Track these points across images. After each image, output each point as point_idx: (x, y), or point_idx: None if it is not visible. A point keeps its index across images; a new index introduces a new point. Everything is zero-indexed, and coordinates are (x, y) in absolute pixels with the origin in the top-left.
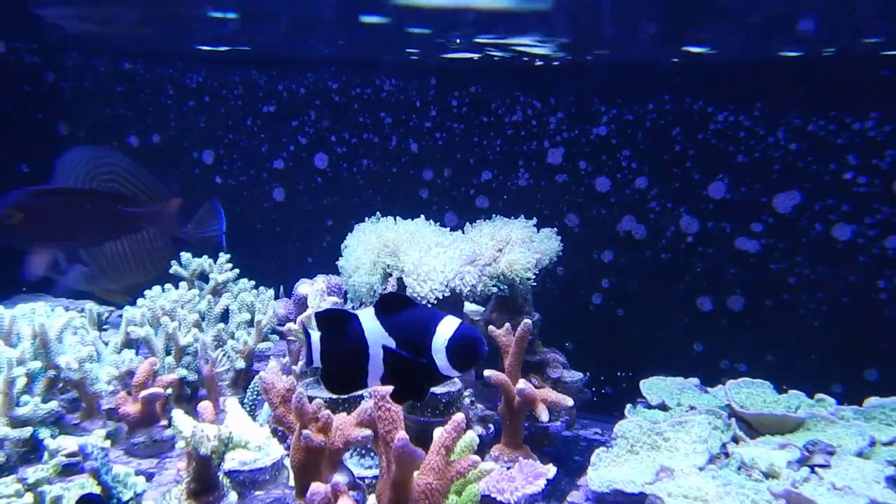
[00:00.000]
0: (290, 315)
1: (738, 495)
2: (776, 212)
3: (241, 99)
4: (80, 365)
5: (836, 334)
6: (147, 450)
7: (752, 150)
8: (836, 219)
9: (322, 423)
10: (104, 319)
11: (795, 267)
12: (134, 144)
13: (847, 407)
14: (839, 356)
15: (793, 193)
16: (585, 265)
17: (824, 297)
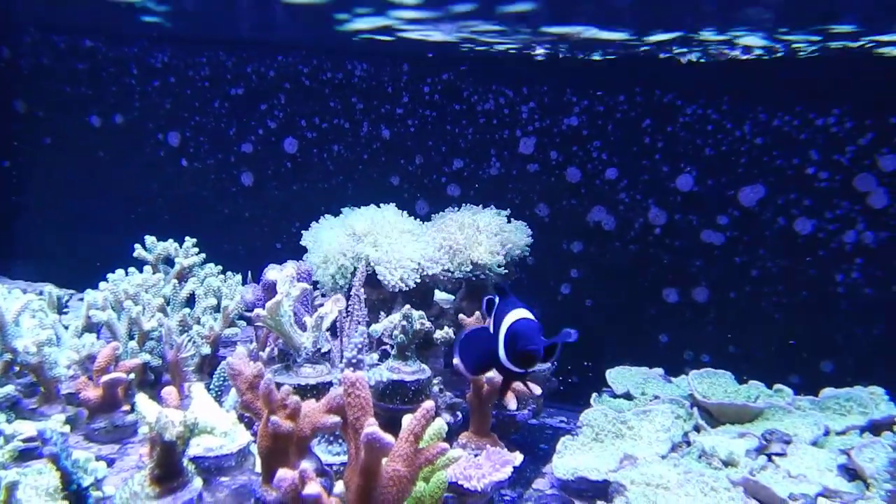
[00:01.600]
0: (259, 301)
1: (697, 483)
2: (741, 205)
3: (209, 80)
4: (38, 349)
5: (795, 326)
6: (108, 435)
7: (719, 143)
8: (798, 213)
9: (290, 409)
10: (64, 303)
11: (758, 260)
12: (95, 124)
13: (804, 397)
14: (797, 347)
15: (757, 187)
16: (555, 255)
17: (784, 289)
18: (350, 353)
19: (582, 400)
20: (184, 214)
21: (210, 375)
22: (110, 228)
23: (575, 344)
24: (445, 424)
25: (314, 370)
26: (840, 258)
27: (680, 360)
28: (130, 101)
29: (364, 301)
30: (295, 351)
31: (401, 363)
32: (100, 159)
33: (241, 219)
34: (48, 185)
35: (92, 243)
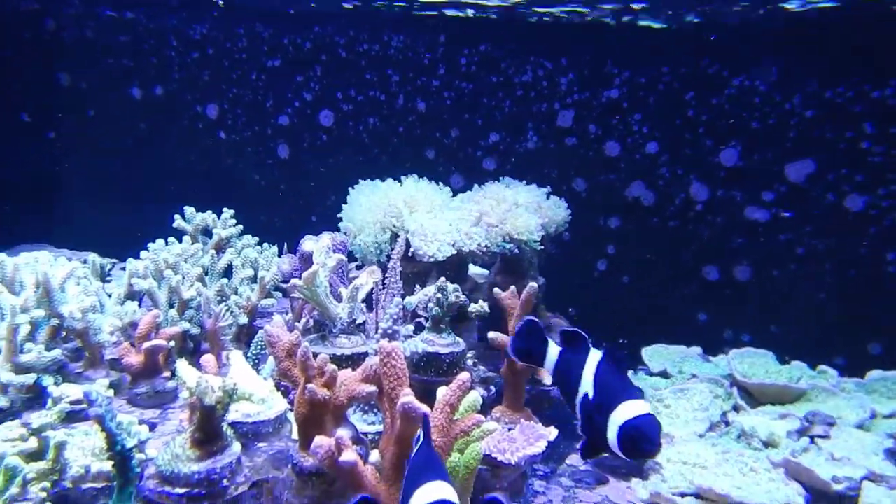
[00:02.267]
0: (296, 271)
1: (736, 463)
2: (788, 181)
3: (246, 52)
4: (83, 314)
5: (841, 307)
6: (150, 400)
7: (767, 116)
8: (849, 189)
9: (327, 377)
10: (107, 271)
11: (805, 237)
12: (136, 96)
13: (849, 379)
14: (843, 328)
15: (806, 162)
16: (592, 231)
17: (831, 268)
18: (386, 324)
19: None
20: (221, 186)
21: (247, 345)
22: (150, 199)
23: (611, 321)
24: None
25: (349, 341)
26: (892, 236)
27: (719, 340)
28: (170, 73)
29: (399, 274)
30: (330, 321)
31: (435, 336)
32: (141, 131)
33: (277, 191)
34: (91, 156)
35: (132, 213)
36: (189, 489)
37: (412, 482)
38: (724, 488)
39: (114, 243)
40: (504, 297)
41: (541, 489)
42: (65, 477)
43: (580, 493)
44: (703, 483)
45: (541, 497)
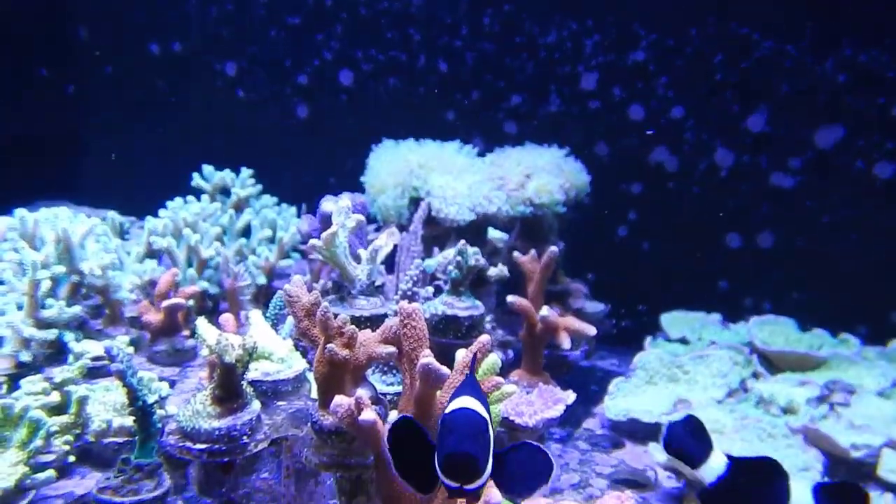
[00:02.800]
0: (314, 232)
1: (755, 429)
2: (816, 147)
3: (265, 8)
4: (103, 271)
5: (865, 275)
6: (169, 358)
7: (797, 81)
8: (879, 156)
9: (347, 337)
10: (125, 229)
11: (831, 205)
12: (155, 52)
13: (871, 347)
14: (867, 297)
15: (835, 128)
16: (613, 196)
17: (858, 237)
18: (405, 286)
19: (635, 344)
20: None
21: (265, 305)
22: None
23: (630, 287)
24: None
25: (368, 302)
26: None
27: (740, 307)
28: (189, 30)
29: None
30: (349, 283)
31: (454, 298)
32: (159, 88)
33: (296, 151)
34: (109, 112)
35: (151, 171)
36: (210, 445)
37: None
38: (742, 453)
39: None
40: (524, 261)
41: (557, 452)
42: (87, 431)
43: (596, 456)
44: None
45: (557, 459)
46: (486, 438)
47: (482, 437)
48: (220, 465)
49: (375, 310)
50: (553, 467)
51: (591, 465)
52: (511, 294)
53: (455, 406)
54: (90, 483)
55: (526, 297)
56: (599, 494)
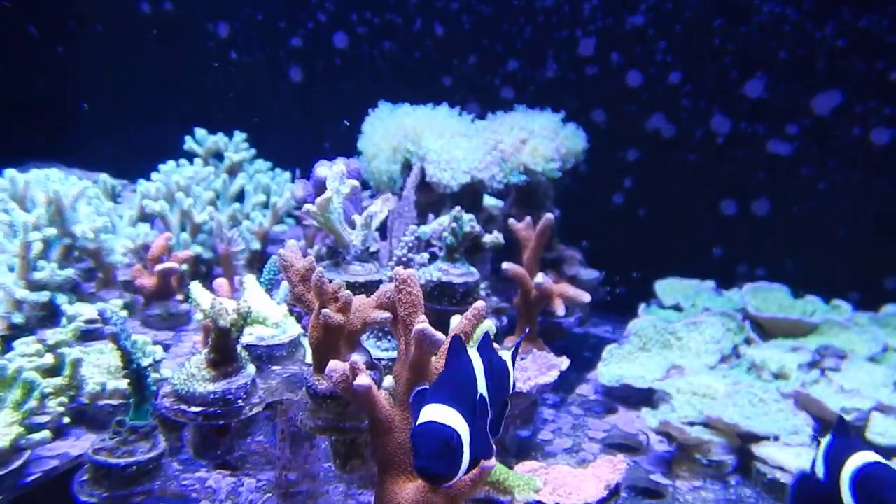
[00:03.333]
0: (309, 197)
1: (746, 394)
2: (814, 113)
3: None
4: (95, 234)
5: (859, 242)
6: (163, 322)
7: (797, 45)
8: (876, 122)
9: (342, 302)
10: (117, 192)
11: (827, 172)
12: (146, 10)
13: (863, 313)
14: (860, 263)
15: (833, 94)
16: (609, 163)
17: (853, 204)
18: (400, 252)
19: (629, 311)
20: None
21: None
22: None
23: (625, 254)
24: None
25: (363, 268)
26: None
27: (733, 274)
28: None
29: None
30: (344, 248)
31: (449, 265)
32: (150, 48)
33: (289, 115)
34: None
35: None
36: (205, 408)
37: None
38: (733, 418)
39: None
40: (519, 228)
41: (551, 417)
42: (81, 393)
43: (589, 421)
44: (712, 413)
45: (551, 424)
46: (452, 449)
47: (449, 450)
48: (215, 428)
49: (370, 276)
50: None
51: (584, 430)
52: (506, 261)
53: (423, 419)
54: (85, 444)
55: (521, 265)
56: (592, 458)
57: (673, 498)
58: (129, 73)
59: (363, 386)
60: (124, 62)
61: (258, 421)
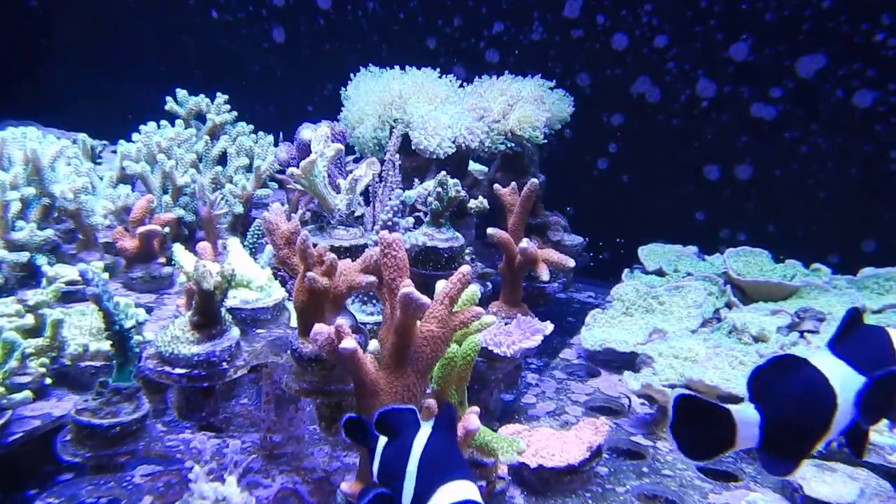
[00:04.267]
0: (292, 160)
1: (726, 356)
2: (798, 76)
3: None
4: (75, 195)
5: (838, 206)
6: (145, 285)
7: (782, 7)
8: (859, 84)
9: (326, 266)
10: (97, 153)
11: (810, 135)
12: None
13: (842, 276)
14: (840, 226)
15: (818, 56)
16: (594, 128)
17: (834, 166)
18: (386, 216)
19: (612, 276)
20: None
21: (243, 235)
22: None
23: (609, 220)
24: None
25: (347, 233)
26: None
27: (716, 239)
28: None
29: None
30: (328, 213)
31: (434, 230)
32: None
33: (272, 77)
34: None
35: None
36: (189, 370)
37: (434, 474)
38: (713, 380)
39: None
40: (504, 194)
41: (534, 381)
42: (63, 354)
43: (572, 385)
44: (693, 375)
45: (534, 388)
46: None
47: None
48: (199, 390)
49: (355, 240)
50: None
51: (567, 394)
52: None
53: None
54: (67, 405)
55: (506, 230)
56: (575, 421)
57: (653, 458)
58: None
59: (348, 349)
60: (102, 19)
61: (242, 384)
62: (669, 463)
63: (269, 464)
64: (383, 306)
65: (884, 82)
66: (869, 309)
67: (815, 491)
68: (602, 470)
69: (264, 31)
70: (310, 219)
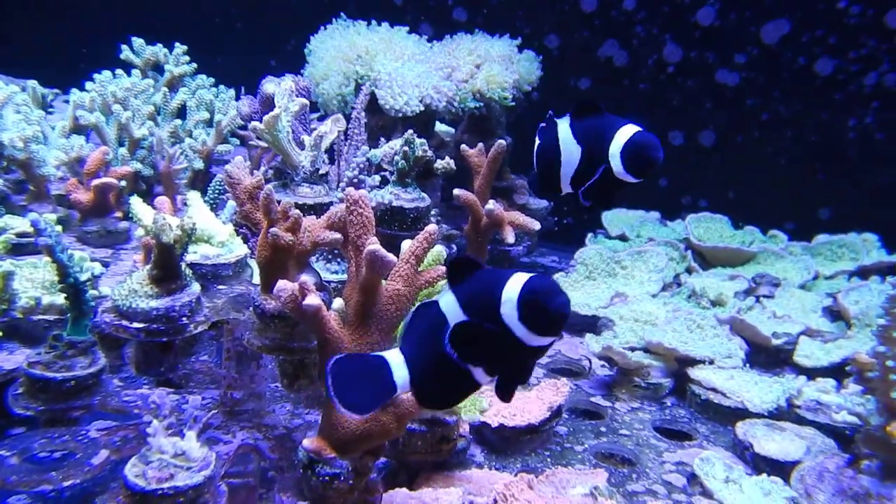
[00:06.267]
0: (255, 114)
1: (685, 320)
2: (762, 42)
3: None
4: (25, 144)
5: (797, 173)
6: (101, 239)
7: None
8: (821, 52)
9: (291, 222)
10: (49, 102)
11: (771, 102)
12: None
13: (797, 243)
14: (797, 194)
15: (781, 22)
16: (561, 91)
17: (793, 134)
18: (351, 173)
19: (576, 241)
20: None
21: (203, 192)
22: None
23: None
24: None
25: (312, 190)
26: (856, 101)
27: (678, 205)
28: None
29: (364, 126)
30: (293, 169)
31: (400, 189)
32: None
33: (232, 29)
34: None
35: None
36: (147, 324)
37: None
38: (672, 343)
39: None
40: (471, 154)
41: None
42: (14, 307)
43: None
44: (653, 338)
45: None
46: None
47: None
48: (158, 345)
49: (319, 198)
50: None
51: None
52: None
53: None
54: (19, 358)
55: (472, 192)
56: (536, 382)
57: (611, 419)
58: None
59: (312, 306)
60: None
61: (202, 340)
62: (627, 423)
63: (230, 420)
64: (348, 264)
65: (845, 50)
66: (822, 274)
67: (764, 449)
68: (561, 429)
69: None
70: (273, 176)
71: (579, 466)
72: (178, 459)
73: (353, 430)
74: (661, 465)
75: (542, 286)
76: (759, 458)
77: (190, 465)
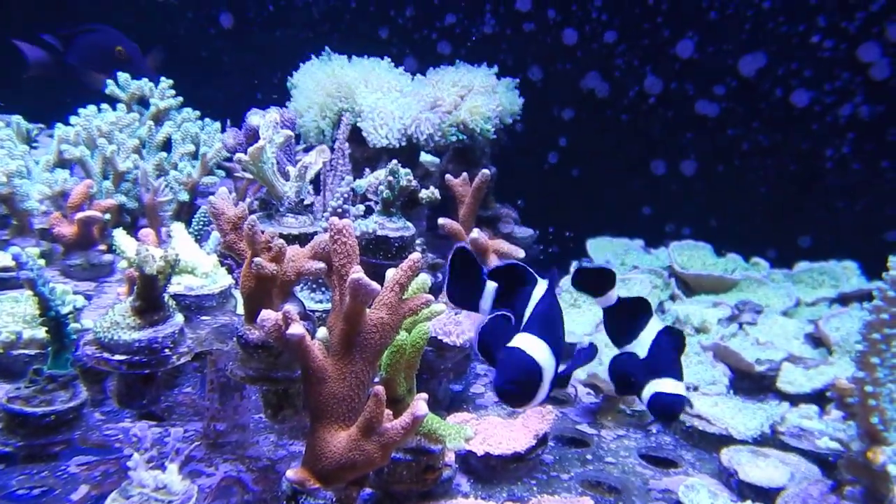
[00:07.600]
0: (240, 146)
1: None
2: (740, 74)
3: None
4: (8, 178)
5: (776, 201)
6: (84, 272)
7: (725, 6)
8: (797, 84)
9: (275, 251)
10: (33, 137)
11: (750, 133)
12: None
13: (779, 270)
14: (778, 222)
15: (758, 55)
16: (545, 122)
17: (772, 163)
18: (336, 203)
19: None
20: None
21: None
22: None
23: (558, 213)
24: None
25: (297, 221)
26: (833, 132)
27: (661, 233)
28: None
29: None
30: (277, 200)
31: (385, 219)
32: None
33: (219, 63)
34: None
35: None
36: (129, 356)
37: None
38: None
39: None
40: (455, 184)
41: (483, 371)
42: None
43: None
44: None
45: (483, 379)
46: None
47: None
48: (140, 377)
49: (304, 228)
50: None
51: None
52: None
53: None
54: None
55: (457, 221)
56: (522, 410)
57: (597, 446)
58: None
59: (296, 335)
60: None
61: (186, 372)
62: (613, 450)
63: (213, 452)
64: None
65: (819, 82)
66: (804, 301)
67: (749, 475)
68: (547, 457)
69: (211, 15)
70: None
71: (565, 495)
72: (160, 493)
73: (336, 460)
74: (646, 492)
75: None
76: (743, 485)
77: (171, 499)
